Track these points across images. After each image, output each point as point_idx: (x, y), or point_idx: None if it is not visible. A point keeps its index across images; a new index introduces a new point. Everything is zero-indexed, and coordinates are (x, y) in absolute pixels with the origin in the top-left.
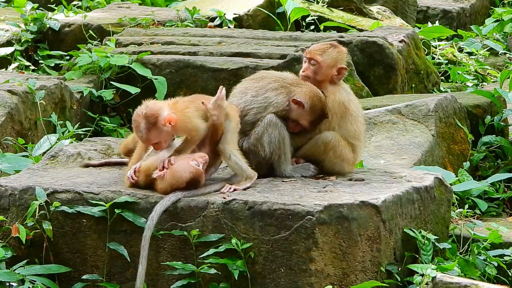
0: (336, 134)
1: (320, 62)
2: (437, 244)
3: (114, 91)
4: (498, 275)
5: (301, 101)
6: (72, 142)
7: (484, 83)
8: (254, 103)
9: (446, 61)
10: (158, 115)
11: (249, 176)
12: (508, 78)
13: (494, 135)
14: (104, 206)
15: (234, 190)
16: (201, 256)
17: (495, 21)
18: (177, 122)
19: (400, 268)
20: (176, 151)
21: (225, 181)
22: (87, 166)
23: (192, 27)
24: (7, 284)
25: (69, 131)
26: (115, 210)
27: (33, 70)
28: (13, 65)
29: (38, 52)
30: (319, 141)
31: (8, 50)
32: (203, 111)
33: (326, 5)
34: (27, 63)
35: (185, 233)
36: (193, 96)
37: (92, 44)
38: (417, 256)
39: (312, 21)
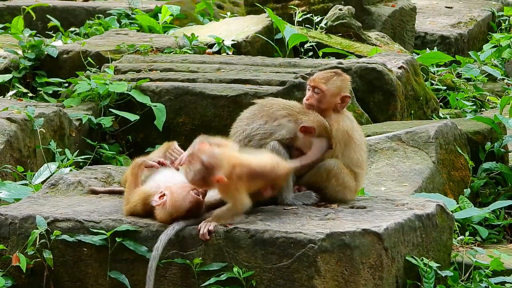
0: (339, 162)
1: (324, 90)
2: (439, 271)
3: (113, 118)
4: None
5: (312, 127)
6: (72, 170)
7: (483, 109)
8: (261, 129)
9: (445, 87)
10: (214, 171)
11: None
12: (508, 104)
13: (495, 162)
14: (105, 234)
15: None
16: (203, 284)
17: (493, 47)
18: (225, 188)
19: None
20: (216, 217)
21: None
22: (92, 192)
23: (191, 53)
24: None
25: (68, 159)
26: (116, 238)
27: (31, 97)
28: (11, 92)
29: (36, 79)
30: (322, 169)
31: (5, 77)
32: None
33: (325, 31)
34: (25, 90)
35: (188, 261)
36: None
37: (91, 71)
38: (419, 284)
39: (311, 47)
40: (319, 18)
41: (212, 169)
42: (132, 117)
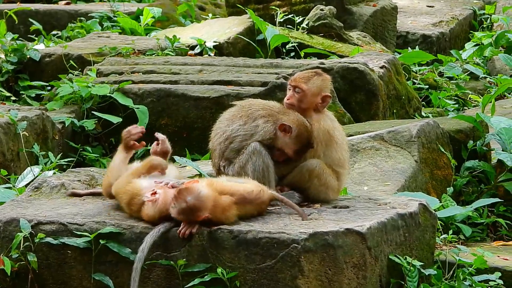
0: (321, 162)
1: (305, 90)
2: (422, 270)
3: (96, 121)
4: None
5: (290, 126)
6: (55, 173)
7: (465, 108)
8: (241, 130)
9: (427, 86)
10: (201, 212)
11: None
12: (490, 102)
13: (477, 160)
14: (89, 237)
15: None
16: (187, 286)
17: (475, 45)
18: (212, 219)
19: None
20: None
21: None
22: (73, 195)
23: (173, 55)
24: None
25: (51, 162)
26: (100, 240)
27: (14, 101)
28: None
29: (19, 82)
30: (304, 169)
31: None
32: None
33: (306, 32)
34: (8, 94)
35: (172, 262)
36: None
37: (73, 74)
38: (403, 283)
39: (293, 48)
40: (301, 19)
41: (196, 210)
42: (115, 119)
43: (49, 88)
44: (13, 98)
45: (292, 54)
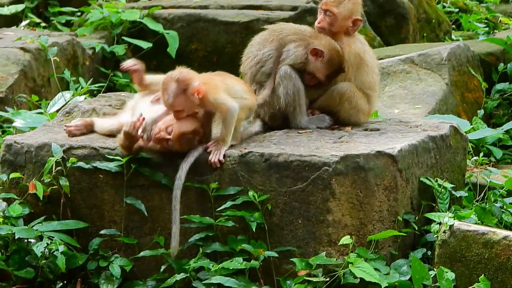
0: (351, 85)
1: (336, 13)
2: (453, 192)
3: (126, 46)
4: None
5: (322, 50)
6: (86, 98)
7: (495, 31)
8: (272, 54)
9: (457, 9)
10: (189, 83)
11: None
12: None
13: (508, 82)
14: (121, 161)
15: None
16: (219, 209)
17: None
18: (205, 95)
19: (417, 217)
20: (221, 139)
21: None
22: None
23: None
24: (26, 240)
25: (82, 87)
26: (132, 165)
27: (44, 27)
28: (24, 22)
29: (48, 9)
30: (334, 92)
31: (18, 7)
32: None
33: None
34: (38, 20)
35: (204, 186)
36: (219, 73)
37: (103, 0)
38: (434, 205)
39: None
40: None
41: (187, 81)
42: (145, 44)
43: (79, 14)
44: (43, 24)
45: None
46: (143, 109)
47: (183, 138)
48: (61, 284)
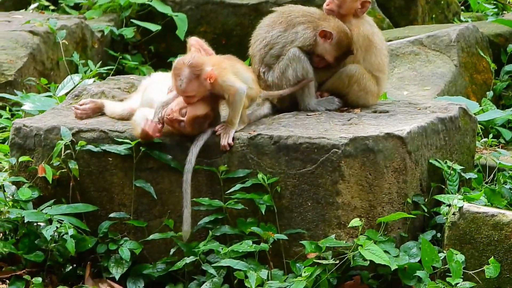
0: (360, 67)
1: None
2: (463, 174)
3: (135, 29)
4: None
5: (330, 32)
6: (95, 81)
7: (504, 12)
8: (280, 37)
9: None
10: (202, 68)
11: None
12: None
13: None
14: (130, 144)
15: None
16: (228, 191)
17: None
18: (216, 79)
19: (426, 199)
20: (229, 122)
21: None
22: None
23: None
24: (35, 224)
25: (91, 70)
26: (141, 147)
27: (53, 10)
28: (33, 5)
29: None
30: (343, 75)
31: None
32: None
33: None
34: (47, 3)
35: (214, 168)
36: (229, 57)
37: None
38: (443, 186)
39: None
40: None
41: (200, 66)
42: (154, 27)
43: None
44: (52, 7)
45: None
46: (154, 91)
47: (196, 121)
48: (71, 267)
